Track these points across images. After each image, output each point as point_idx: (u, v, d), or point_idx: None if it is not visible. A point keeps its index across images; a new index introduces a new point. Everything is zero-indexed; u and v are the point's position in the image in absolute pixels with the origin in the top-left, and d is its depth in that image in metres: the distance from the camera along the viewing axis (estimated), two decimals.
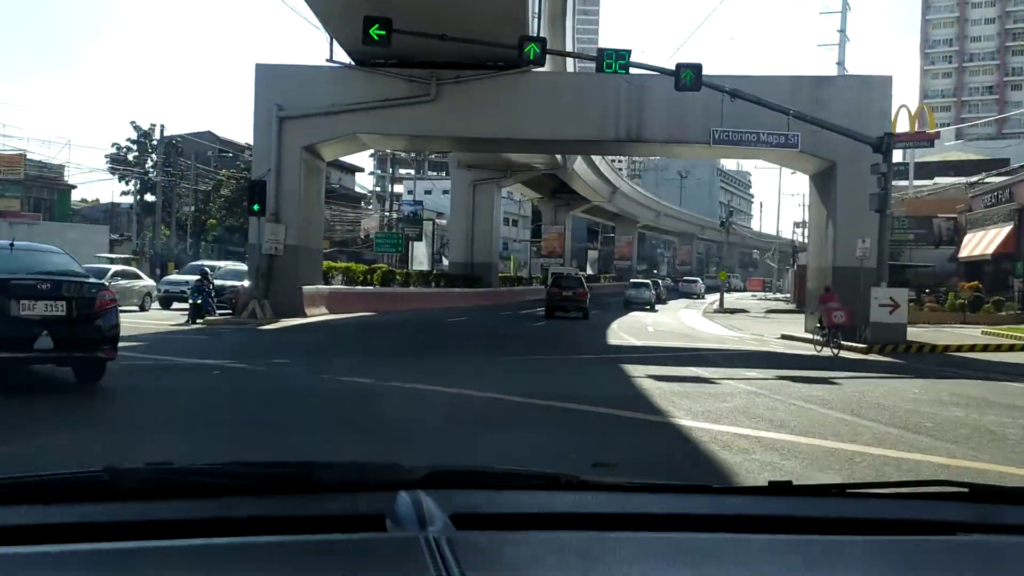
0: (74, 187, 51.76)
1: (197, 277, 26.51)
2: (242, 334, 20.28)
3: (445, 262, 48.19)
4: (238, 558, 1.26)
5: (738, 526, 1.45)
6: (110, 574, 1.21)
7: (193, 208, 49.75)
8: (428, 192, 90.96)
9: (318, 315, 26.56)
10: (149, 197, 49.17)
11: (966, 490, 1.65)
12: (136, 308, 27.76)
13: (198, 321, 23.10)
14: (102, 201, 60.77)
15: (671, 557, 1.34)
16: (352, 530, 1.32)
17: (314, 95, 25.64)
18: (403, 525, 1.33)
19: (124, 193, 50.67)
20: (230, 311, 25.70)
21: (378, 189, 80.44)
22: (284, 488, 1.54)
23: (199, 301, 23.65)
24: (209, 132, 65.67)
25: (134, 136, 49.22)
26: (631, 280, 54.68)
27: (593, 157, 58.42)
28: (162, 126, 46.48)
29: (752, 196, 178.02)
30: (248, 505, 1.43)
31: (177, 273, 33.24)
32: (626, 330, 27.21)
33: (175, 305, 29.88)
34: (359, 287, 31.49)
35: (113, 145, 48.50)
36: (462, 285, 41.69)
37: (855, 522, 1.49)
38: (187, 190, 48.50)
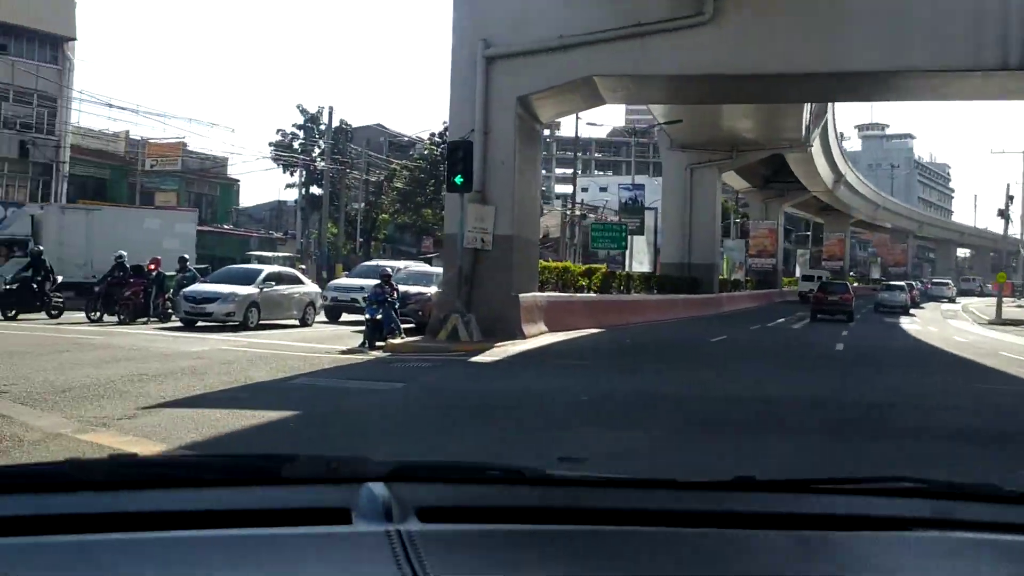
0: (237, 181, 47.07)
1: (374, 282, 19.62)
2: (455, 375, 12.82)
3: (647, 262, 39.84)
4: (201, 551, 1.24)
5: (701, 521, 1.45)
6: (70, 566, 1.19)
7: (363, 203, 43.73)
8: (603, 189, 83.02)
9: (537, 335, 18.90)
10: (315, 190, 43.66)
11: (925, 486, 1.67)
12: (295, 321, 21.06)
13: (377, 345, 15.92)
14: (256, 200, 56.15)
15: (633, 551, 1.33)
16: (317, 523, 1.31)
17: (533, 24, 18.07)
18: (368, 519, 1.31)
19: (289, 186, 45.40)
20: (413, 326, 18.63)
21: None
22: (249, 480, 1.52)
23: (379, 315, 16.40)
24: (378, 125, 60.36)
25: (300, 121, 43.83)
26: (884, 283, 49.63)
27: (829, 136, 48.81)
28: (330, 108, 40.65)
29: (952, 191, 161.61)
30: (212, 497, 1.40)
31: (347, 276, 26.41)
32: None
33: (344, 316, 23.19)
34: (579, 295, 23.74)
35: (278, 131, 43.25)
36: (682, 290, 33.52)
37: (817, 517, 1.50)
38: (356, 181, 42.51)
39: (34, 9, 35.55)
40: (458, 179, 16.93)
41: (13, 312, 19.44)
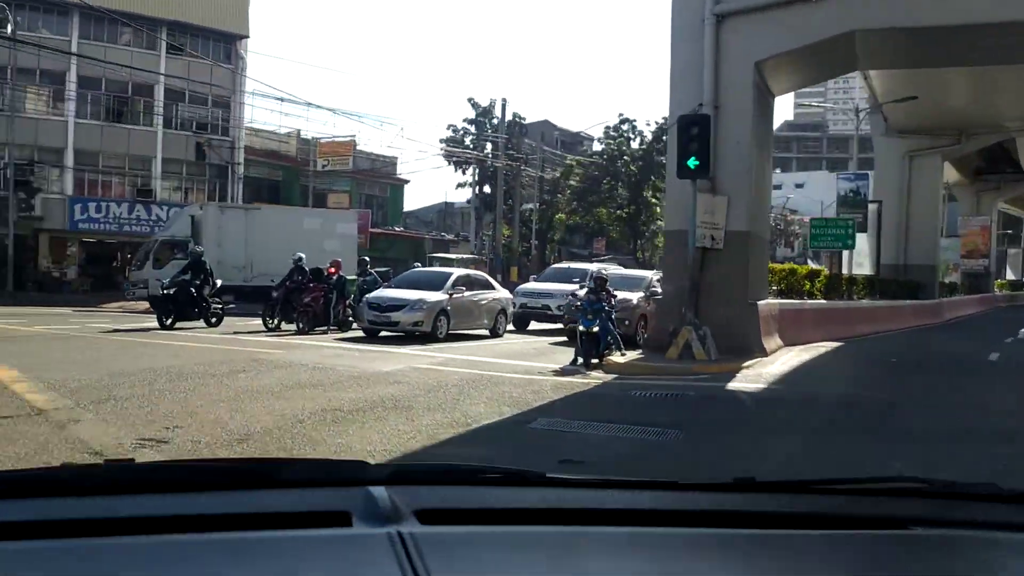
0: (406, 181, 45.69)
1: (566, 287, 16.96)
2: (734, 412, 9.72)
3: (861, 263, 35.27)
4: (199, 555, 1.23)
5: (701, 521, 1.44)
6: (66, 570, 1.19)
7: (538, 202, 41.26)
8: (800, 186, 77.52)
9: (776, 350, 15.55)
10: (486, 189, 41.59)
11: (925, 486, 1.68)
12: (486, 331, 18.57)
13: (593, 363, 13.10)
14: (420, 202, 54.81)
15: (635, 552, 1.33)
16: (318, 527, 1.31)
17: None
18: (368, 521, 1.31)
19: (460, 185, 43.55)
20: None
21: None
22: (247, 484, 1.50)
23: (595, 327, 13.53)
24: (546, 121, 57.99)
25: (471, 115, 41.91)
26: None
27: None
28: (503, 100, 38.38)
29: None
30: (212, 502, 1.38)
31: (534, 280, 23.76)
32: None
33: (533, 324, 20.62)
34: (808, 302, 20.13)
35: (448, 127, 41.47)
36: (900, 295, 29.07)
37: (816, 517, 1.50)
38: (531, 180, 40.12)
39: (208, 8, 35.05)
40: (691, 162, 13.81)
41: (170, 320, 17.63)
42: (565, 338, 18.07)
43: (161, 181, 34.97)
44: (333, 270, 18.86)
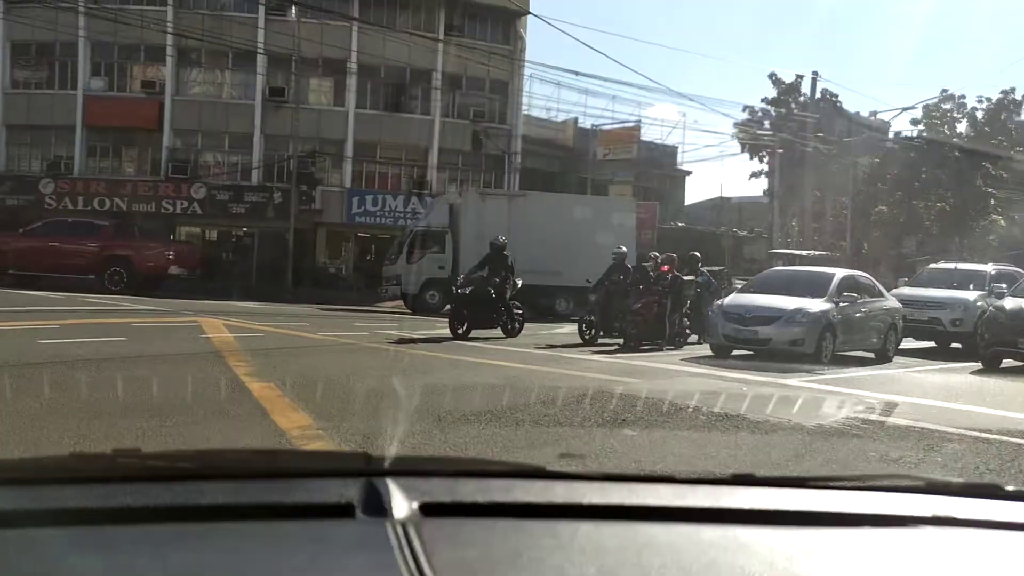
0: (688, 173, 41.36)
1: (957, 294, 11.98)
2: None
3: None
4: (203, 545, 1.25)
5: (700, 517, 1.46)
6: (70, 558, 1.20)
7: (855, 193, 35.34)
8: None
9: None
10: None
11: (922, 484, 1.73)
12: (871, 354, 13.87)
13: None
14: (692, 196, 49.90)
15: (634, 546, 1.35)
16: (319, 517, 1.32)
17: None
18: (370, 513, 1.32)
19: (754, 175, 38.46)
20: None
21: None
22: (252, 474, 1.51)
23: None
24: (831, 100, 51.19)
25: (771, 95, 36.75)
26: None
27: None
28: (814, 74, 32.88)
29: None
30: (214, 491, 1.39)
31: (906, 285, 18.38)
32: None
33: (908, 342, 15.68)
34: None
35: (744, 109, 36.56)
36: None
37: (814, 514, 1.50)
38: (839, 167, 34.32)
39: None
40: None
41: (463, 327, 14.22)
42: (979, 366, 13.09)
43: (437, 172, 32.93)
44: (667, 268, 14.90)
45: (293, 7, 29.61)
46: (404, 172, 33.42)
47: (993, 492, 1.67)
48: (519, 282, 15.38)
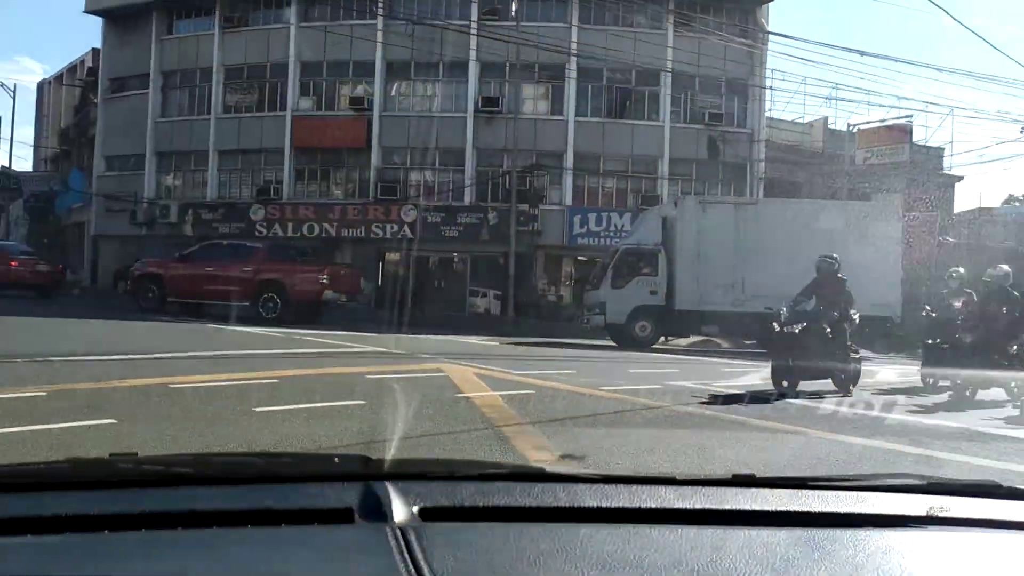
0: (959, 178, 35.13)
1: None
2: None
3: None
4: (201, 550, 1.24)
5: (701, 518, 1.47)
6: (70, 565, 1.19)
7: None
8: None
9: None
10: None
11: (924, 483, 1.70)
12: None
13: None
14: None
15: (635, 548, 1.34)
16: (318, 522, 1.32)
17: None
18: (369, 517, 1.32)
19: None
20: None
21: None
22: (250, 479, 1.52)
23: None
24: None
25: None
26: None
27: None
28: None
29: None
30: (212, 496, 1.40)
31: None
32: None
33: None
34: None
35: None
36: None
37: (816, 515, 1.51)
38: None
39: None
40: None
41: (789, 380, 10.26)
42: None
43: (668, 184, 28.90)
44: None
45: (513, 6, 26.65)
46: (630, 186, 29.64)
47: (993, 491, 1.67)
48: (856, 317, 11.11)
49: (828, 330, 10.59)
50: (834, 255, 11.36)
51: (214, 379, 8.35)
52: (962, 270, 12.62)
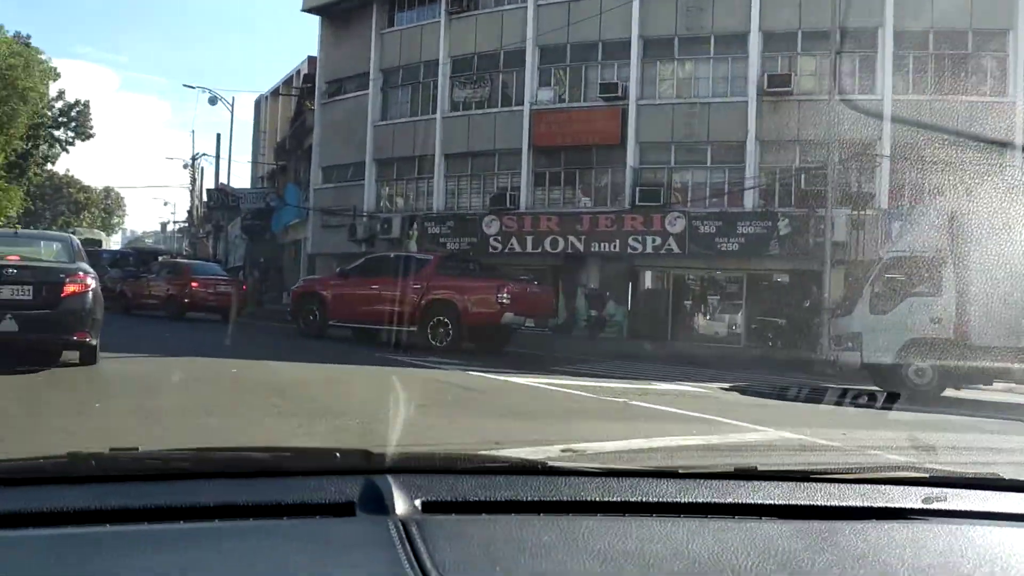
0: None
1: None
2: None
3: None
4: (204, 544, 1.24)
5: (704, 510, 1.47)
6: (70, 559, 1.19)
7: None
8: None
9: None
10: None
11: (926, 476, 1.70)
12: None
13: None
14: None
15: (637, 541, 1.34)
16: (320, 516, 1.32)
17: None
18: (371, 510, 1.32)
19: None
20: None
21: None
22: (252, 473, 1.52)
23: None
24: None
25: None
26: None
27: None
28: None
29: None
30: (215, 490, 1.40)
31: None
32: None
33: None
34: None
35: None
36: None
37: (818, 508, 1.51)
38: None
39: None
40: None
41: None
42: None
43: None
44: None
45: None
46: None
47: (995, 483, 1.69)
48: None
49: None
50: None
51: None
52: None
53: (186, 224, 65.58)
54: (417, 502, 1.34)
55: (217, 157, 45.64)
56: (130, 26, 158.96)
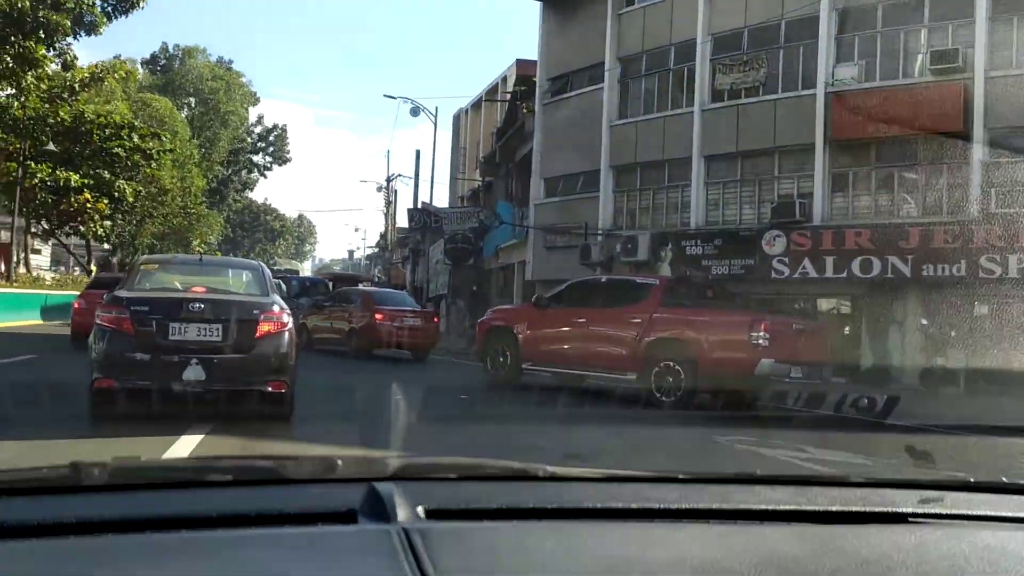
0: None
1: None
2: None
3: None
4: (205, 552, 1.23)
5: (705, 515, 1.46)
6: (72, 568, 1.18)
7: None
8: None
9: None
10: None
11: (928, 479, 1.73)
12: None
13: None
14: None
15: (638, 546, 1.34)
16: (323, 523, 1.31)
17: None
18: (374, 518, 1.31)
19: None
20: None
21: None
22: (253, 481, 1.52)
23: None
24: None
25: None
26: None
27: None
28: None
29: None
30: (217, 499, 1.40)
31: None
32: None
33: None
34: None
35: None
36: None
37: (821, 512, 1.50)
38: None
39: None
40: None
41: None
42: None
43: None
44: None
45: None
46: None
47: (996, 486, 1.68)
48: None
49: None
50: None
51: None
52: None
53: (377, 249, 63.58)
54: (419, 509, 1.33)
55: (416, 175, 42.34)
56: (324, 67, 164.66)
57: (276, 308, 7.81)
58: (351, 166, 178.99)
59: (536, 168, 27.03)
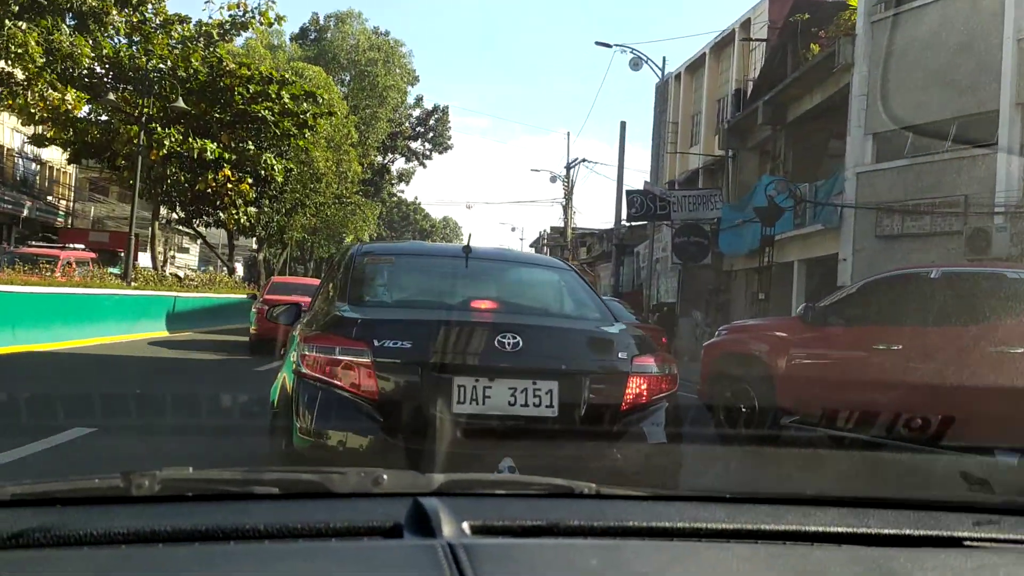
0: None
1: None
2: None
3: None
4: (253, 564, 1.23)
5: (754, 536, 1.42)
6: None
7: None
8: None
9: None
10: None
11: (980, 502, 1.68)
12: None
13: None
14: None
15: (684, 566, 1.31)
16: (368, 537, 1.31)
17: None
18: (419, 533, 1.30)
19: None
20: None
21: None
22: (300, 494, 1.53)
23: None
24: None
25: None
26: None
27: None
28: None
29: None
30: (264, 511, 1.40)
31: None
32: None
33: None
34: None
35: None
36: None
37: (871, 535, 1.45)
38: None
39: None
40: None
41: None
42: None
43: None
44: None
45: None
46: None
47: None
48: None
49: None
50: None
51: None
52: None
53: (545, 248, 55.84)
54: (464, 525, 1.31)
55: (621, 153, 34.01)
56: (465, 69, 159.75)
57: (652, 355, 4.37)
58: (514, 162, 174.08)
59: (857, 119, 18.10)
